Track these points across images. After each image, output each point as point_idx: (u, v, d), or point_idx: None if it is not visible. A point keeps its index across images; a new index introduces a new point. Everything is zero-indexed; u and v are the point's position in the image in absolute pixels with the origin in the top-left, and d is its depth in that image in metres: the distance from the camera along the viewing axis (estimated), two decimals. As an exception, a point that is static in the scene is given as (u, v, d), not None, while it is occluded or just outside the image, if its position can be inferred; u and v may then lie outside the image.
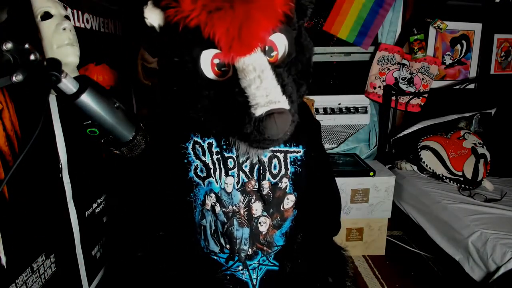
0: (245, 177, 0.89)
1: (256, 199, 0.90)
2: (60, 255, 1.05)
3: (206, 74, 0.69)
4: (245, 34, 0.62)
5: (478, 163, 2.16)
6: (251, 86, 0.64)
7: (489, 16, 2.50)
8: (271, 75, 0.65)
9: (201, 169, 0.88)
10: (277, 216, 0.93)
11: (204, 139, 0.88)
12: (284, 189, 0.92)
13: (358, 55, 2.49)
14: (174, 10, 0.63)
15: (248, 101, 0.64)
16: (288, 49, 0.72)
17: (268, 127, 0.63)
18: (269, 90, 0.64)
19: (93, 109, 0.65)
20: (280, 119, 0.63)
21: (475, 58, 2.59)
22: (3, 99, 0.83)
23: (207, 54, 0.68)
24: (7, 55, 0.56)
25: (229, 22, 0.61)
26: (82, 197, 1.18)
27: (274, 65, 0.68)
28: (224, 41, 0.63)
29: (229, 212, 0.89)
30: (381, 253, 2.21)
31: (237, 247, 0.91)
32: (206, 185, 0.88)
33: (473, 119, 2.45)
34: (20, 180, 0.89)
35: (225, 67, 0.69)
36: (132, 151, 0.75)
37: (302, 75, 0.75)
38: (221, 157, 0.87)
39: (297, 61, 0.73)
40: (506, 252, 1.48)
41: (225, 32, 0.62)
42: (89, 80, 0.66)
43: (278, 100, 0.64)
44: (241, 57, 0.65)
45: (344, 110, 2.50)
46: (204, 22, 0.62)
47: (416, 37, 2.38)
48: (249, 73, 0.65)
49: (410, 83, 2.48)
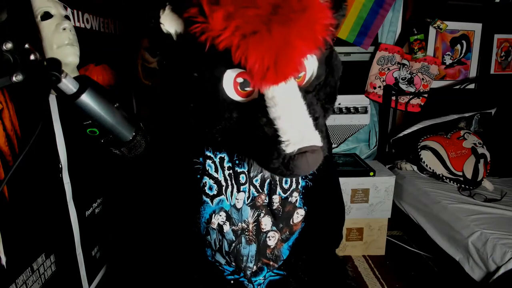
0: (255, 192, 0.85)
1: (265, 213, 0.87)
2: (60, 255, 1.05)
3: (228, 94, 0.63)
4: (282, 63, 0.56)
5: (478, 163, 2.16)
6: (281, 118, 0.58)
7: (489, 16, 2.50)
8: (303, 106, 0.60)
9: (210, 187, 0.82)
10: (286, 231, 0.91)
11: (216, 153, 0.82)
12: (294, 203, 0.89)
13: (358, 55, 2.49)
14: (201, 27, 0.56)
15: (277, 135, 0.58)
16: (318, 71, 0.67)
17: (300, 166, 0.58)
18: (302, 126, 0.58)
19: (93, 109, 0.65)
20: (312, 158, 0.58)
21: (475, 58, 2.59)
22: (3, 99, 0.83)
23: (231, 73, 0.61)
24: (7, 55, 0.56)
25: (265, 49, 0.55)
26: (82, 197, 1.18)
27: (304, 90, 0.62)
28: (258, 69, 0.56)
29: (238, 230, 0.86)
30: (381, 253, 2.21)
31: (243, 265, 0.89)
32: (215, 204, 0.83)
33: (473, 119, 2.45)
34: (20, 180, 0.89)
35: (250, 87, 0.63)
36: (132, 151, 0.75)
37: (330, 99, 0.70)
38: (233, 173, 0.83)
39: (326, 84, 0.68)
40: (506, 252, 1.48)
41: (260, 60, 0.55)
42: (89, 80, 0.65)
43: (311, 138, 0.58)
44: (273, 85, 0.59)
45: (344, 110, 2.49)
46: (236, 45, 0.55)
47: (416, 37, 2.38)
48: (279, 102, 0.59)
49: (410, 83, 2.48)
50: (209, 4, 0.55)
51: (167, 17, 0.61)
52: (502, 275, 1.45)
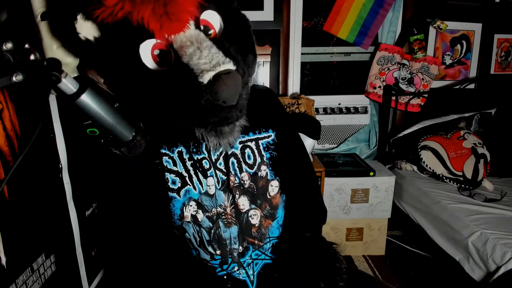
0: (222, 175, 0.88)
1: (240, 194, 0.89)
2: (60, 255, 1.05)
3: (150, 66, 0.67)
4: (172, 9, 0.62)
5: (478, 163, 2.16)
6: (192, 58, 0.63)
7: (489, 16, 2.51)
8: (210, 44, 0.65)
9: (173, 181, 0.86)
10: (266, 206, 0.92)
11: (173, 149, 0.87)
12: (266, 176, 0.92)
13: (358, 55, 2.49)
14: (100, 11, 0.61)
15: (194, 73, 0.63)
16: (224, 23, 0.71)
17: (219, 89, 0.62)
18: (211, 56, 0.63)
19: (93, 109, 0.65)
20: (229, 79, 0.62)
21: (475, 58, 2.60)
22: (3, 99, 0.83)
23: (146, 46, 0.66)
24: (7, 55, 0.56)
25: (153, 2, 0.61)
26: (82, 197, 1.18)
27: (215, 40, 0.68)
28: (153, 21, 0.62)
29: (213, 215, 0.88)
30: (381, 253, 2.21)
31: (228, 248, 0.90)
32: (182, 196, 0.87)
33: (473, 119, 2.45)
34: (20, 180, 0.89)
35: (167, 55, 0.67)
36: (132, 151, 0.75)
37: (245, 45, 0.74)
38: (195, 161, 0.87)
39: (235, 33, 0.72)
40: (506, 252, 1.48)
41: (152, 12, 0.61)
42: (89, 80, 0.66)
43: (222, 62, 0.63)
44: (175, 34, 0.65)
45: (344, 110, 2.50)
46: (130, 11, 0.61)
47: (416, 37, 2.38)
48: (188, 48, 0.64)
49: (410, 83, 2.48)
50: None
51: (81, 25, 0.64)
52: (502, 275, 1.45)
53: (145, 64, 0.66)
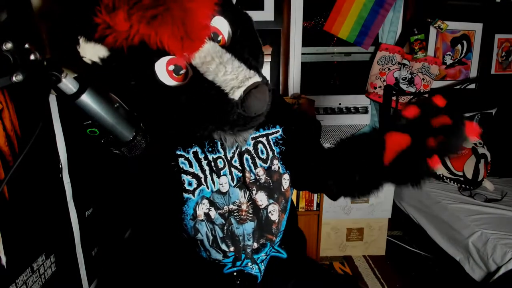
0: (237, 172, 0.88)
1: (257, 189, 0.90)
2: (60, 255, 1.05)
3: (168, 83, 0.67)
4: (191, 28, 0.61)
5: (478, 163, 2.16)
6: (218, 75, 0.64)
7: (489, 16, 2.50)
8: (230, 57, 0.65)
9: (189, 183, 0.86)
10: (282, 199, 0.93)
11: (188, 150, 0.86)
12: (278, 170, 0.93)
13: (359, 55, 2.49)
14: (113, 36, 0.59)
15: (222, 90, 0.64)
16: (231, 28, 0.72)
17: (251, 104, 0.64)
18: (237, 71, 0.64)
19: (93, 109, 0.64)
20: (259, 92, 0.64)
21: (475, 58, 2.59)
22: (3, 99, 0.83)
23: (160, 64, 0.65)
24: (7, 55, 0.56)
25: (170, 23, 0.60)
26: (82, 197, 1.18)
27: (227, 48, 0.68)
28: (174, 43, 0.61)
29: (224, 213, 0.88)
30: (381, 253, 2.21)
31: (241, 244, 0.90)
32: (197, 195, 0.86)
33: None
34: (20, 180, 0.89)
35: (183, 69, 0.68)
36: (132, 151, 0.75)
37: (254, 47, 0.75)
38: (210, 161, 0.86)
39: (244, 35, 0.73)
40: (507, 252, 1.48)
41: (171, 34, 0.60)
42: (89, 80, 0.65)
43: (249, 76, 0.64)
44: (195, 52, 0.65)
45: (344, 110, 2.49)
46: (147, 34, 0.60)
47: (416, 37, 2.38)
48: (210, 64, 0.64)
49: (410, 83, 2.48)
50: (108, 14, 0.58)
51: (85, 48, 0.63)
52: (502, 275, 1.45)
53: (162, 81, 0.66)
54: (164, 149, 0.85)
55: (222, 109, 0.65)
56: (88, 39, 0.62)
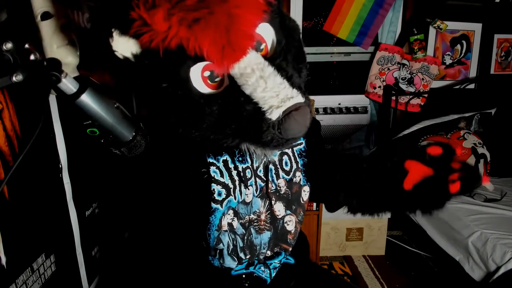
0: (261, 182, 0.86)
1: (276, 200, 0.88)
2: (60, 255, 1.05)
3: (201, 90, 0.62)
4: (234, 37, 0.56)
5: (478, 163, 2.16)
6: (257, 90, 0.58)
7: (489, 16, 2.50)
8: (272, 71, 0.60)
9: (219, 193, 0.81)
10: (300, 211, 0.92)
11: (218, 158, 0.81)
12: (299, 182, 0.91)
13: (358, 55, 2.49)
14: (149, 35, 0.55)
15: (259, 107, 0.59)
16: (276, 37, 0.66)
17: (290, 128, 0.59)
18: (278, 89, 0.59)
19: (93, 109, 0.65)
20: (299, 115, 0.58)
21: (475, 58, 2.59)
22: (3, 99, 0.83)
23: (196, 69, 0.61)
24: (7, 55, 0.56)
25: (213, 30, 0.55)
26: (82, 197, 1.18)
27: (269, 59, 0.62)
28: (214, 52, 0.56)
29: (245, 222, 0.86)
30: (381, 253, 2.21)
31: (257, 252, 0.89)
32: (224, 206, 0.82)
33: (473, 119, 2.45)
34: (20, 180, 0.89)
35: (219, 77, 0.63)
36: (132, 151, 0.75)
37: (299, 59, 0.69)
38: (240, 171, 0.82)
39: (289, 46, 0.67)
40: (506, 252, 1.48)
41: (213, 42, 0.55)
42: (89, 80, 0.66)
43: (291, 96, 0.59)
44: (236, 63, 0.59)
45: (344, 110, 2.49)
46: (186, 38, 0.55)
47: (416, 37, 2.38)
48: (249, 76, 0.59)
49: (410, 83, 2.48)
50: (147, 11, 0.54)
51: (118, 42, 0.59)
52: (502, 275, 1.45)
53: (195, 87, 0.62)
54: (195, 153, 0.79)
55: (256, 128, 0.60)
56: (122, 32, 0.57)
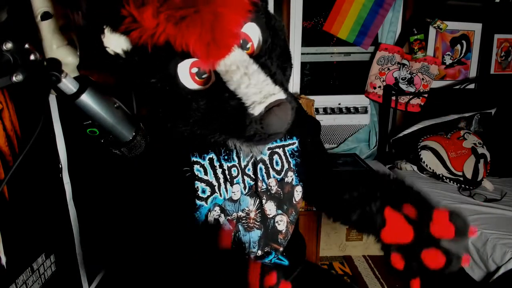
0: (250, 180, 0.87)
1: (267, 199, 0.89)
2: (60, 255, 1.05)
3: (188, 86, 0.65)
4: (219, 35, 0.59)
5: (478, 163, 2.16)
6: (240, 86, 0.61)
7: (489, 16, 2.50)
8: (256, 69, 0.62)
9: (202, 190, 0.83)
10: (292, 211, 0.93)
11: (204, 156, 0.83)
12: (291, 182, 0.92)
13: (358, 55, 2.49)
14: (138, 32, 0.57)
15: (242, 103, 0.61)
16: (262, 36, 0.68)
17: (271, 123, 0.61)
18: (261, 85, 0.61)
19: (93, 109, 0.65)
20: (281, 111, 0.61)
21: (475, 58, 2.59)
22: (3, 99, 0.83)
23: (184, 65, 0.64)
24: (7, 55, 0.56)
25: (199, 27, 0.57)
26: (82, 197, 1.18)
27: (255, 57, 0.65)
28: (200, 48, 0.58)
29: (233, 219, 0.87)
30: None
31: (247, 250, 0.90)
32: (209, 203, 0.84)
33: (473, 119, 2.45)
34: (20, 180, 0.89)
35: (206, 73, 0.66)
36: (132, 151, 0.75)
37: (283, 59, 0.71)
38: (225, 169, 0.84)
39: (274, 45, 0.69)
40: (506, 252, 1.48)
41: (198, 39, 0.58)
42: (89, 80, 0.65)
43: (273, 92, 0.61)
44: (221, 60, 0.62)
45: (344, 110, 2.50)
46: (173, 35, 0.57)
47: (416, 37, 2.38)
48: (234, 73, 0.62)
49: (410, 83, 2.48)
50: (137, 8, 0.56)
51: (109, 39, 0.61)
52: (502, 275, 1.45)
53: (183, 83, 0.65)
54: (179, 152, 0.82)
55: (239, 122, 0.63)
56: (113, 29, 0.60)
